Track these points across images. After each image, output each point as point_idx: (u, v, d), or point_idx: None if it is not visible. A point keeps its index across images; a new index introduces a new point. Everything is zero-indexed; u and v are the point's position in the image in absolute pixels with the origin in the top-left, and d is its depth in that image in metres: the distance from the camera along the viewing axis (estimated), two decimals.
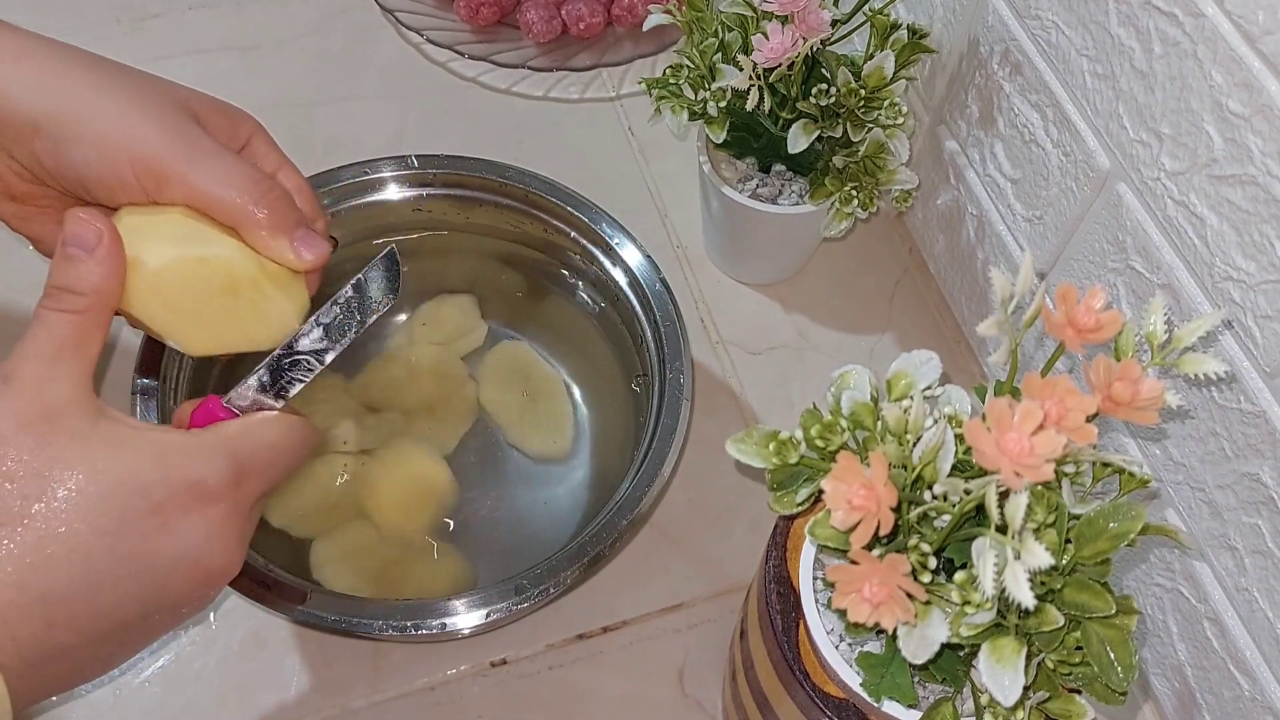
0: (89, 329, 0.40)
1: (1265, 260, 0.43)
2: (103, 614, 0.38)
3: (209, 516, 0.39)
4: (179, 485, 0.39)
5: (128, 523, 0.38)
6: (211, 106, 0.47)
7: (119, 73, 0.45)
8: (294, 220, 0.45)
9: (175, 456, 0.39)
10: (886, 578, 0.34)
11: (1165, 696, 0.57)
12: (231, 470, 0.40)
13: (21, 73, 0.43)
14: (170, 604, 0.40)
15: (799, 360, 0.70)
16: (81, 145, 0.42)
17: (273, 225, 0.44)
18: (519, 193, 0.66)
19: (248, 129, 0.48)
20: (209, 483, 0.39)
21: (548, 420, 0.65)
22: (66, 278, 0.40)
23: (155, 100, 0.44)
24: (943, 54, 0.65)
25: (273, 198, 0.44)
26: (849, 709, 0.42)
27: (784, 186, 0.66)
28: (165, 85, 0.46)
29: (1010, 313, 0.36)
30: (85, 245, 0.40)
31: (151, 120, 0.43)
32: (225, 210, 0.44)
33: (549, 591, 0.53)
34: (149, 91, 0.44)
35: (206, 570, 0.40)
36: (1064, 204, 0.56)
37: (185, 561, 0.39)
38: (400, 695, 0.57)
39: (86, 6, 0.82)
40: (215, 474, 0.39)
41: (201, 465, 0.39)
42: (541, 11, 0.79)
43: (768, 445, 0.40)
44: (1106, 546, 0.35)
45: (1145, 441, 0.54)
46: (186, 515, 0.39)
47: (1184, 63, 0.45)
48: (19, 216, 0.47)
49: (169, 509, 0.38)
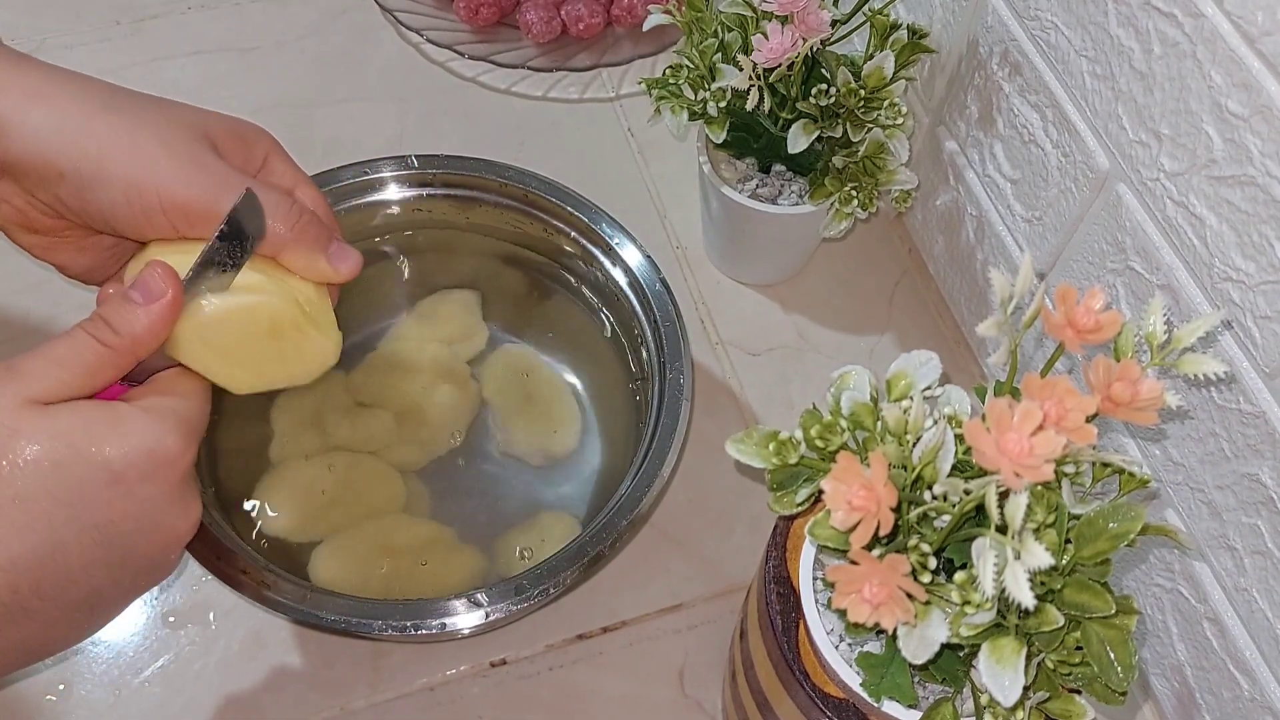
0: (108, 365, 0.41)
1: (1265, 261, 0.43)
2: (71, 580, 0.39)
3: (169, 480, 0.41)
4: (137, 452, 0.40)
5: (90, 493, 0.39)
6: (228, 131, 0.47)
7: (136, 108, 0.45)
8: (326, 237, 0.47)
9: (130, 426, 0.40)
10: (886, 578, 0.34)
11: (1165, 696, 0.57)
12: (184, 434, 0.41)
13: (38, 116, 0.43)
14: (138, 568, 0.41)
15: (799, 361, 0.70)
16: (108, 190, 0.43)
17: (308, 246, 0.46)
18: (519, 193, 0.66)
19: (263, 148, 0.49)
20: (167, 447, 0.40)
21: (549, 422, 0.65)
22: (115, 315, 0.41)
23: (176, 135, 0.44)
24: (942, 54, 0.65)
25: (304, 221, 0.46)
26: (849, 709, 0.42)
27: (784, 187, 0.66)
28: (182, 114, 0.46)
29: (1010, 313, 0.36)
30: (148, 296, 0.42)
31: (175, 159, 0.44)
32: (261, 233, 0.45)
33: (549, 591, 0.53)
34: (167, 125, 0.45)
35: (171, 530, 0.41)
36: (1063, 204, 0.56)
37: (148, 526, 0.40)
38: (400, 695, 0.57)
39: (87, 7, 0.82)
40: (170, 439, 0.41)
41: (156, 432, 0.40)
42: (541, 12, 0.79)
43: (768, 445, 0.40)
44: (1106, 547, 0.35)
45: (1145, 442, 0.54)
46: (146, 482, 0.40)
47: (1183, 63, 0.45)
48: (41, 247, 0.47)
49: (130, 477, 0.39)
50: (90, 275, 0.49)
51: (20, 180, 0.44)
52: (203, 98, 0.79)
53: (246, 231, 0.44)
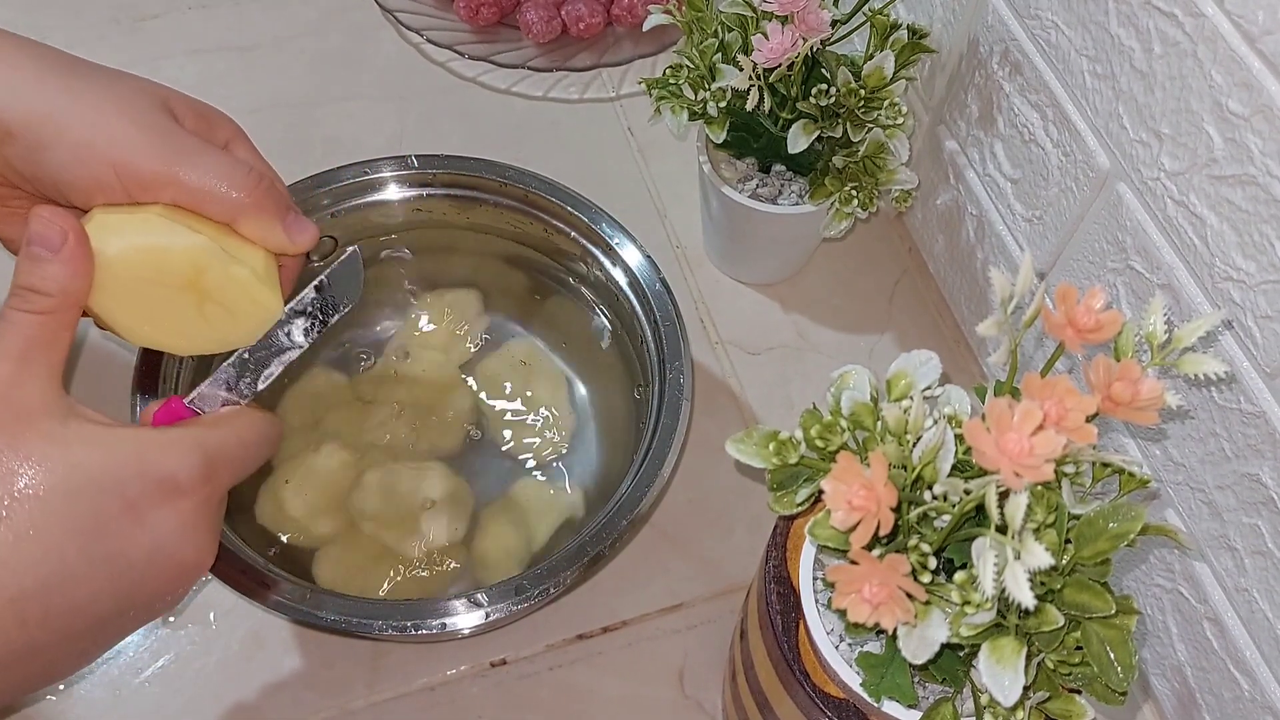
0: (56, 329, 0.40)
1: (1265, 260, 0.43)
2: (77, 611, 0.38)
3: (181, 511, 0.40)
4: (151, 482, 0.39)
5: (101, 522, 0.38)
6: (188, 105, 0.46)
7: (94, 73, 0.44)
8: (284, 205, 0.46)
9: (147, 452, 0.39)
10: (886, 578, 0.34)
11: (1165, 697, 0.57)
12: (202, 465, 0.40)
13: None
14: (145, 599, 0.40)
15: (799, 360, 0.70)
16: (58, 151, 0.42)
17: (264, 210, 0.45)
18: (519, 193, 0.66)
19: (226, 132, 0.48)
20: (180, 478, 0.39)
21: (547, 422, 0.65)
22: (32, 278, 0.40)
23: (133, 100, 0.43)
24: (942, 54, 0.65)
25: (262, 186, 0.45)
26: (849, 709, 0.42)
27: (784, 186, 0.66)
28: (141, 83, 0.45)
29: (1010, 313, 0.36)
30: (50, 245, 0.40)
31: (131, 122, 0.43)
32: (215, 202, 0.43)
33: (549, 591, 0.53)
34: (125, 91, 0.44)
35: (180, 564, 0.40)
36: (1064, 204, 0.56)
37: (159, 557, 0.39)
38: (400, 695, 0.57)
39: (85, 7, 0.82)
40: (187, 469, 0.40)
41: (174, 461, 0.40)
42: (541, 12, 0.79)
43: (768, 445, 0.40)
44: (1106, 547, 0.35)
45: (1145, 442, 0.54)
46: (159, 511, 0.39)
47: (1184, 63, 0.45)
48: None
49: (142, 506, 0.39)
50: None
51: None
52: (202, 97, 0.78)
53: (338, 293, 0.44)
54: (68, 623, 0.38)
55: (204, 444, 0.41)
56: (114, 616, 0.40)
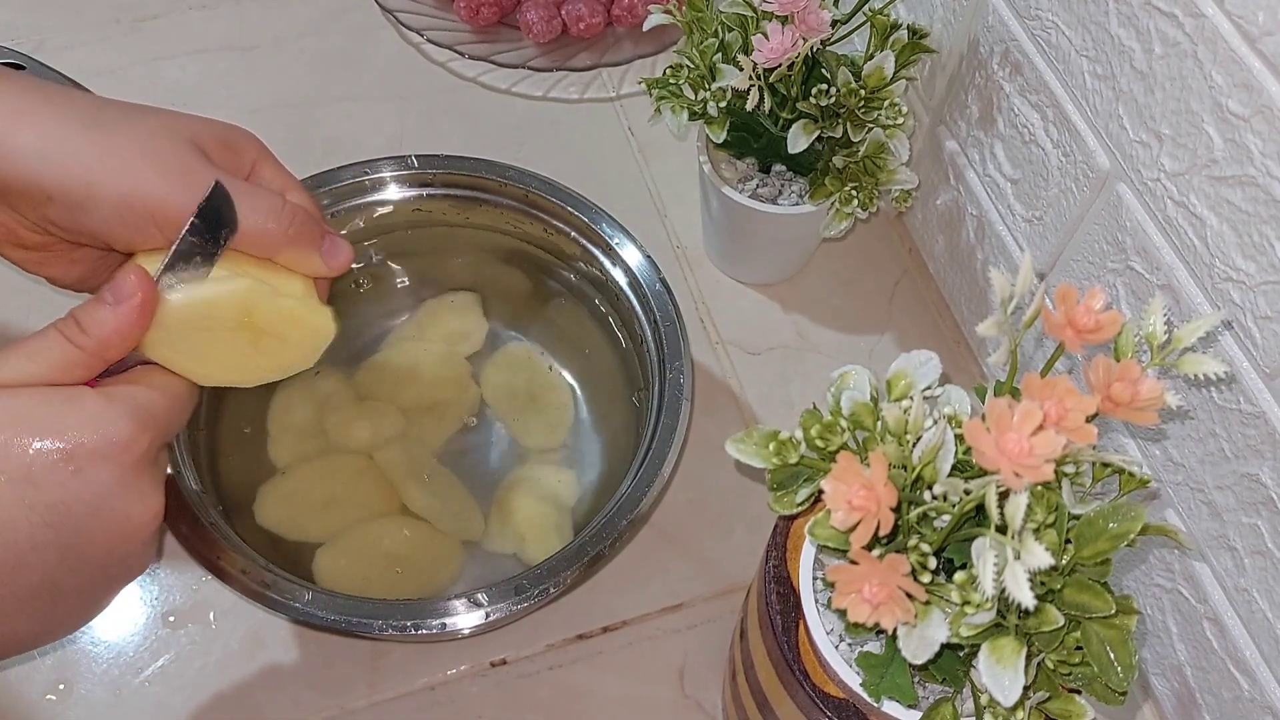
0: (76, 364, 0.41)
1: (1265, 261, 0.43)
2: (22, 563, 0.38)
3: (122, 464, 0.40)
4: (89, 433, 0.39)
5: (38, 472, 0.38)
6: (216, 137, 0.47)
7: (120, 121, 0.44)
8: (320, 234, 0.47)
9: (85, 406, 0.40)
10: (886, 578, 0.34)
11: (1165, 696, 0.57)
12: (138, 418, 0.41)
13: (22, 139, 0.42)
14: (96, 558, 0.40)
15: (799, 360, 0.70)
16: (100, 210, 0.43)
17: (301, 242, 0.46)
18: (519, 193, 0.66)
19: (252, 154, 0.48)
20: (119, 431, 0.40)
21: (549, 421, 0.65)
22: (86, 315, 0.41)
23: (162, 146, 0.44)
24: (943, 54, 0.65)
25: (298, 220, 0.46)
26: (849, 709, 0.42)
27: (784, 186, 0.66)
28: (167, 122, 0.45)
29: (1010, 313, 0.36)
30: (118, 297, 0.41)
31: (163, 170, 0.43)
32: (254, 239, 0.45)
33: (549, 591, 0.53)
34: (152, 136, 0.44)
35: (126, 518, 0.41)
36: (1064, 204, 0.56)
37: (103, 509, 0.40)
38: (400, 695, 0.57)
39: (86, 7, 0.82)
40: (125, 422, 0.40)
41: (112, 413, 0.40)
42: (541, 12, 0.79)
43: (768, 445, 0.40)
44: (1106, 547, 0.35)
45: (1145, 442, 0.54)
46: (97, 464, 0.39)
47: (1184, 63, 0.45)
48: (32, 262, 0.47)
49: (80, 456, 0.39)
50: (83, 285, 0.49)
51: (8, 201, 0.43)
52: (202, 97, 0.79)
53: (218, 222, 0.44)
54: (14, 575, 0.38)
55: (141, 401, 0.41)
56: (66, 575, 0.40)
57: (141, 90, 0.78)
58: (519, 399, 0.66)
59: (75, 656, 0.57)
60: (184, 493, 0.55)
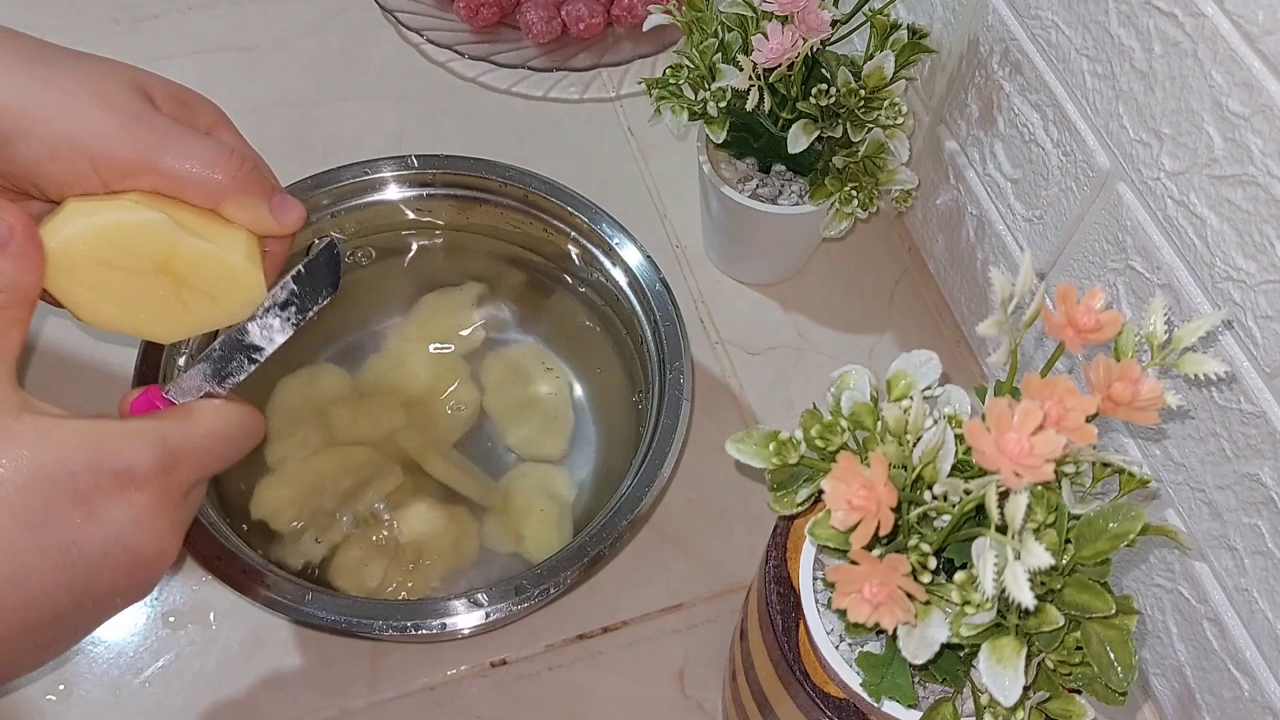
0: (6, 325, 0.39)
1: (1265, 260, 0.43)
2: (32, 605, 0.37)
3: (136, 504, 0.38)
4: (105, 474, 0.38)
5: (53, 515, 0.37)
6: (166, 90, 0.45)
7: (63, 59, 0.42)
8: (269, 186, 0.45)
9: (102, 444, 0.38)
10: (886, 578, 0.34)
11: (1165, 696, 0.57)
12: (160, 456, 0.39)
13: None
14: (103, 593, 0.39)
15: (799, 360, 0.70)
16: (30, 144, 0.40)
17: (248, 192, 0.43)
18: (519, 193, 0.66)
19: (208, 118, 0.46)
20: (136, 469, 0.38)
21: (547, 420, 0.65)
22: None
23: (106, 85, 0.42)
24: (942, 54, 0.65)
25: (245, 167, 0.43)
26: (849, 709, 0.42)
27: (784, 186, 0.66)
28: (113, 66, 0.43)
29: (1010, 313, 0.36)
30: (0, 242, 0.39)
31: (104, 109, 0.41)
32: (199, 186, 0.42)
33: (549, 591, 0.53)
34: (98, 76, 0.42)
35: (137, 557, 0.39)
36: (1064, 204, 0.56)
37: (114, 550, 0.38)
38: (400, 695, 0.57)
39: (85, 6, 0.82)
40: (143, 460, 0.39)
41: (129, 451, 0.38)
42: (541, 12, 0.79)
43: (767, 445, 0.40)
44: (1106, 547, 0.35)
45: (1145, 441, 0.54)
46: (113, 503, 0.38)
47: (1184, 63, 0.45)
48: None
49: (95, 498, 0.38)
50: None
51: None
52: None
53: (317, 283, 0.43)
54: (23, 616, 0.37)
55: (165, 435, 0.40)
56: (71, 609, 0.38)
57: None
58: (518, 397, 0.66)
59: (75, 657, 0.57)
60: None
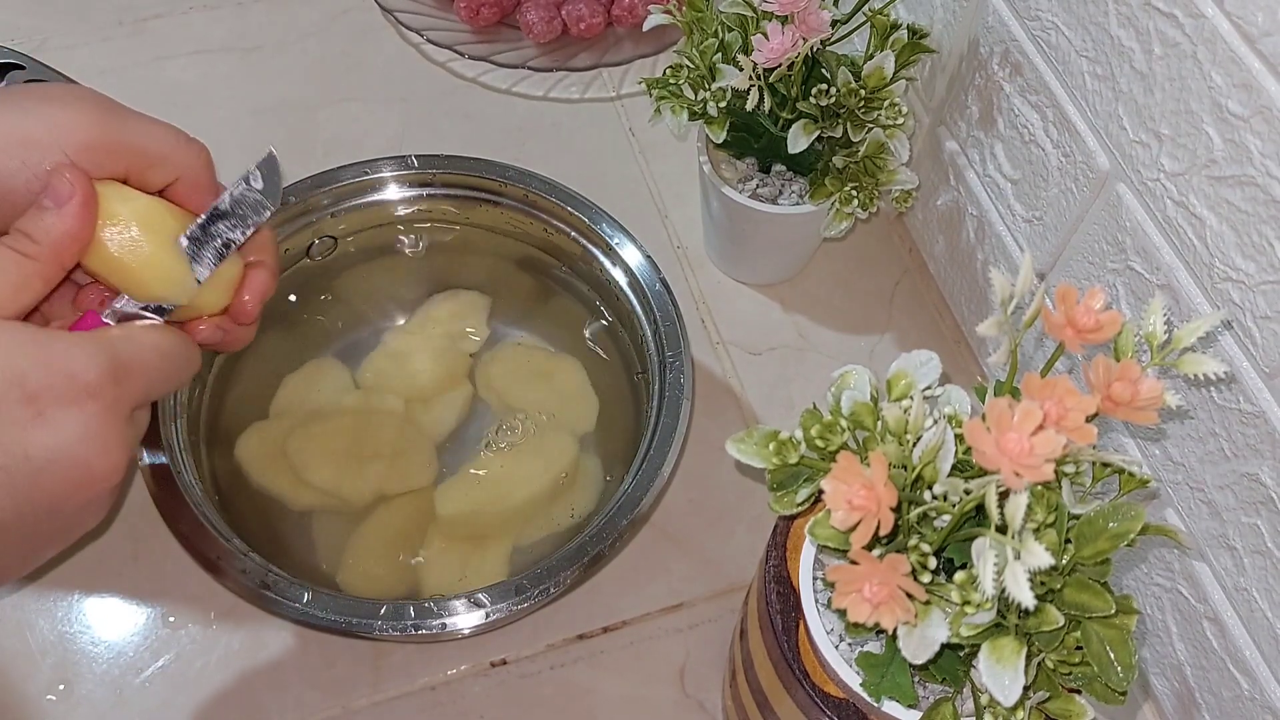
0: (32, 277, 0.40)
1: (1265, 261, 0.43)
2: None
3: (86, 411, 0.39)
4: (56, 375, 0.38)
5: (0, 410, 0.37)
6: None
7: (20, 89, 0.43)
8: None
9: (53, 345, 0.39)
10: (886, 578, 0.34)
11: (1165, 696, 0.57)
12: (111, 366, 0.39)
13: None
14: (47, 505, 0.39)
15: (799, 360, 0.70)
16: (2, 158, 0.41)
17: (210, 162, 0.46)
18: (519, 193, 0.66)
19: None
20: (88, 376, 0.39)
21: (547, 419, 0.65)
22: (30, 224, 0.40)
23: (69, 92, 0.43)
24: (943, 54, 0.65)
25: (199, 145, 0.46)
26: (849, 709, 0.42)
27: (784, 186, 0.66)
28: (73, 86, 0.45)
29: (1010, 313, 0.36)
30: (58, 199, 0.40)
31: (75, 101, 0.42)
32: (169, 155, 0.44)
33: (549, 591, 0.53)
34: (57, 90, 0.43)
35: (84, 468, 0.39)
36: (1064, 204, 0.56)
37: (61, 458, 0.38)
38: (401, 695, 0.57)
39: (89, 7, 0.82)
40: (95, 368, 0.39)
41: (81, 358, 0.39)
42: (541, 12, 0.79)
43: (768, 445, 0.40)
44: (1106, 546, 0.35)
45: (1145, 441, 0.54)
46: (62, 408, 0.38)
47: (1183, 64, 0.45)
48: None
49: (44, 398, 0.38)
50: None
51: None
52: (204, 98, 0.79)
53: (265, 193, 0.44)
54: None
55: (114, 346, 0.40)
56: (13, 520, 0.38)
57: (143, 91, 0.78)
58: (518, 397, 0.66)
59: (76, 657, 0.57)
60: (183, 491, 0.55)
